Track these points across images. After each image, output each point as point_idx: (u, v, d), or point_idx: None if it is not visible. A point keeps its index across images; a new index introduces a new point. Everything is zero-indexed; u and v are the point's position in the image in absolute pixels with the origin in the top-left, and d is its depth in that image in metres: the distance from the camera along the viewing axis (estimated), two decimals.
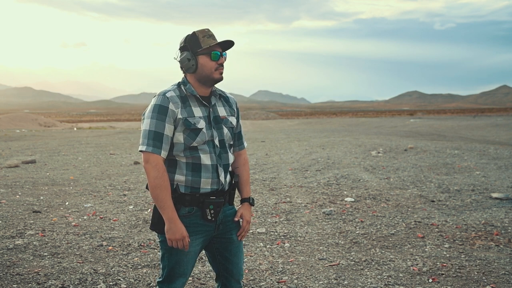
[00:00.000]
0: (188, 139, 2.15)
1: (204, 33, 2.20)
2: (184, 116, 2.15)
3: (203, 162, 2.17)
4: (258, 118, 64.20)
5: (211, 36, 2.21)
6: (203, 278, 3.73)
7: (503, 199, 6.47)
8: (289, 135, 20.58)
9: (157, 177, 2.10)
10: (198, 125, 2.16)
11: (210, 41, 2.19)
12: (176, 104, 2.16)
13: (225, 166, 2.24)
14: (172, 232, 2.12)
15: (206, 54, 2.19)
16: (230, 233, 2.32)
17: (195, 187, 2.17)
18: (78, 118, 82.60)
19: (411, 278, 3.72)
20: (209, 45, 2.18)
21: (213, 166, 2.19)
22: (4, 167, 10.01)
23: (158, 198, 2.11)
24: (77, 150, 14.36)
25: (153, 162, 2.11)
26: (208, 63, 2.19)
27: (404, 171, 9.13)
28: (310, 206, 6.26)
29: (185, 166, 2.17)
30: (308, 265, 4.03)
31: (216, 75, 2.21)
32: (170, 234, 2.13)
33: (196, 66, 2.20)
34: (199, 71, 2.21)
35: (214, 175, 2.19)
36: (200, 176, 2.16)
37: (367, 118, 59.85)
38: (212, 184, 2.19)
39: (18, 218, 5.50)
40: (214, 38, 2.21)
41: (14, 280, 3.59)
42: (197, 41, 2.19)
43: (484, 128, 30.08)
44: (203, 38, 2.19)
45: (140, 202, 6.48)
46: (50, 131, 27.42)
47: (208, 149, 2.19)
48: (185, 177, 2.16)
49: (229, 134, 2.29)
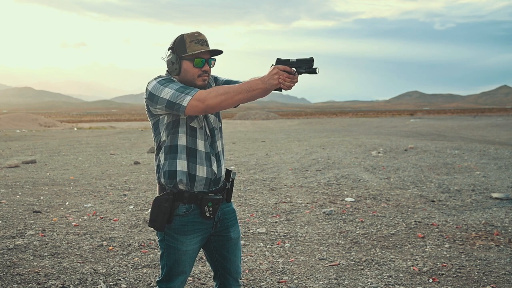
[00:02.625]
0: (190, 116, 2.16)
1: (192, 37, 2.16)
2: None
3: (199, 148, 2.19)
4: (258, 118, 64.18)
5: (200, 41, 2.16)
6: (203, 278, 3.73)
7: (503, 199, 6.47)
8: (289, 135, 20.58)
9: (219, 94, 2.03)
10: None
11: (197, 47, 2.15)
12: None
13: (216, 155, 2.26)
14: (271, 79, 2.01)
15: (190, 60, 2.17)
16: (227, 231, 2.33)
17: (192, 173, 2.17)
18: (79, 118, 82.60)
19: (411, 278, 3.72)
20: (193, 52, 2.14)
21: (207, 154, 2.21)
22: (4, 167, 10.01)
23: (240, 91, 2.03)
24: (77, 150, 14.36)
25: (200, 97, 2.03)
26: (191, 69, 2.17)
27: (404, 171, 9.13)
28: (310, 206, 6.26)
29: (185, 150, 2.17)
30: (309, 265, 4.03)
31: (198, 82, 2.19)
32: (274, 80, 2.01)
33: (179, 70, 2.19)
34: (182, 75, 2.20)
35: (207, 163, 2.20)
36: (196, 162, 2.18)
37: (367, 118, 59.84)
38: (207, 173, 2.20)
39: (18, 218, 5.50)
40: (202, 44, 2.17)
41: (14, 280, 3.59)
42: (183, 45, 2.16)
43: (484, 128, 30.07)
44: (190, 43, 2.15)
45: (140, 202, 6.48)
46: (50, 131, 27.42)
47: (202, 136, 2.21)
48: (185, 161, 2.17)
49: (216, 119, 2.30)
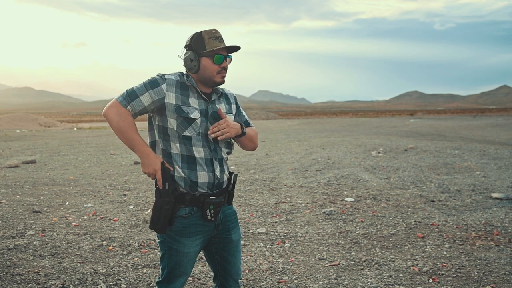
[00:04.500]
0: (181, 127, 2.15)
1: (210, 34, 2.17)
2: (177, 103, 2.14)
3: (198, 155, 2.17)
4: (258, 118, 64.20)
5: (218, 38, 2.18)
6: (203, 278, 3.73)
7: (503, 199, 6.47)
8: (289, 135, 20.58)
9: (120, 120, 2.10)
10: (191, 115, 2.15)
11: (215, 44, 2.16)
12: (171, 87, 2.14)
13: (219, 160, 2.24)
14: (146, 165, 2.12)
15: (209, 56, 2.17)
16: (229, 233, 2.32)
17: (193, 180, 2.17)
18: (78, 118, 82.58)
19: (411, 278, 3.72)
20: (213, 48, 2.15)
21: (208, 159, 2.19)
22: (4, 167, 10.01)
23: (127, 138, 2.12)
24: (77, 150, 14.36)
25: (116, 108, 2.10)
26: (210, 65, 2.17)
27: (404, 171, 9.13)
28: (310, 206, 6.26)
29: (181, 159, 2.16)
30: (308, 265, 4.03)
31: (217, 79, 2.19)
32: (144, 168, 2.13)
33: (198, 67, 2.18)
34: (201, 72, 2.19)
35: (209, 169, 2.19)
36: (196, 169, 2.17)
37: (367, 118, 59.83)
38: (209, 178, 2.19)
39: (18, 218, 5.50)
40: (220, 41, 2.18)
41: (14, 280, 3.59)
42: (202, 42, 2.16)
43: (484, 128, 30.06)
44: (209, 39, 2.16)
45: (140, 202, 6.48)
46: (50, 131, 27.42)
47: (203, 142, 2.18)
48: (181, 169, 2.16)
49: None
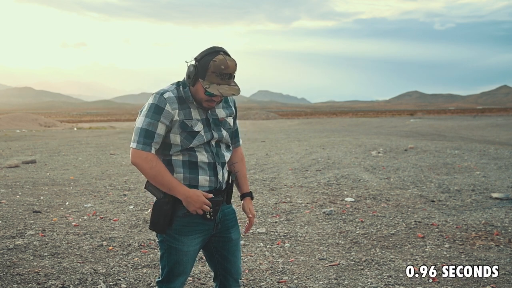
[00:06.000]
0: (185, 141, 2.15)
1: (217, 69, 2.07)
2: (181, 118, 2.14)
3: (200, 160, 2.17)
4: (258, 118, 64.21)
5: (222, 75, 2.07)
6: (203, 278, 3.73)
7: (503, 199, 6.47)
8: (289, 135, 20.58)
9: (152, 167, 2.10)
10: (195, 128, 2.16)
11: (215, 80, 2.08)
12: (174, 105, 2.14)
13: (222, 164, 2.25)
14: (191, 204, 2.12)
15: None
16: (228, 232, 2.32)
17: (194, 184, 2.17)
18: (78, 118, 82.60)
19: (411, 278, 3.72)
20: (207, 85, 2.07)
21: (211, 164, 2.20)
22: (4, 167, 10.01)
23: (163, 183, 2.12)
24: (77, 150, 14.36)
25: (142, 155, 2.10)
26: (201, 93, 2.14)
27: (404, 171, 9.13)
28: (310, 206, 6.26)
29: (182, 164, 2.17)
30: (308, 265, 4.03)
31: (205, 104, 2.17)
32: (190, 207, 2.13)
33: (193, 85, 2.15)
34: (193, 91, 2.17)
35: (212, 173, 2.20)
36: (198, 174, 2.17)
37: (367, 118, 59.83)
38: (210, 182, 2.20)
39: (18, 218, 5.50)
40: (223, 78, 2.08)
41: (14, 280, 3.59)
42: (204, 70, 2.09)
43: (484, 128, 30.06)
44: (212, 73, 2.07)
45: (140, 202, 6.48)
46: (50, 131, 27.42)
47: (205, 148, 2.20)
48: (183, 174, 2.17)
49: (227, 136, 2.30)
